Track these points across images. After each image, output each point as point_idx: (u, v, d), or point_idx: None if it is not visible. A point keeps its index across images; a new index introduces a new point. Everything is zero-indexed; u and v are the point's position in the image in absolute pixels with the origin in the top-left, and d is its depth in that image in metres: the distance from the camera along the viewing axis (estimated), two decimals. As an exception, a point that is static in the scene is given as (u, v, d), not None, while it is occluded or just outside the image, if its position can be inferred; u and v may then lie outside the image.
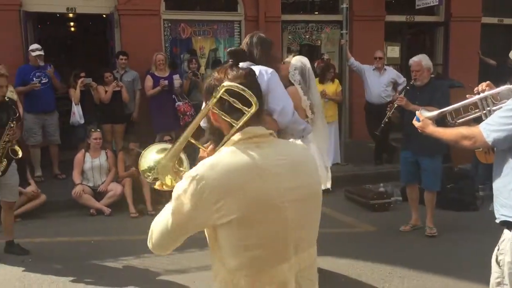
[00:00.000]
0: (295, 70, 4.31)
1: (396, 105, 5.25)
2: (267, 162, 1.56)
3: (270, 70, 4.05)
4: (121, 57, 8.17)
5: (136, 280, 4.48)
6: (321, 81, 8.06)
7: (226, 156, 1.56)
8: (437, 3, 9.66)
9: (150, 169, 1.80)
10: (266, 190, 1.53)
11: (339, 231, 5.63)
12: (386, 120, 5.56)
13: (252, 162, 1.54)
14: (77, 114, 7.49)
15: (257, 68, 4.13)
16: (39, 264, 4.76)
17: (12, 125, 4.74)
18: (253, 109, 1.57)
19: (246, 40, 3.94)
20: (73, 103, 7.51)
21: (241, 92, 1.57)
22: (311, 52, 10.16)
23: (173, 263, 4.80)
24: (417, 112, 3.22)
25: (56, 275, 4.52)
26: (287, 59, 4.48)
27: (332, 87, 8.24)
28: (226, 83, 1.60)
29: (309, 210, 1.66)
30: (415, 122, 3.18)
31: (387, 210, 6.40)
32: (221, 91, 1.59)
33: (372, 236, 5.61)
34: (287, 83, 4.24)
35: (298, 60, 4.40)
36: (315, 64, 8.87)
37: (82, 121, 7.53)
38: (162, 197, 6.82)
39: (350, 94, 9.46)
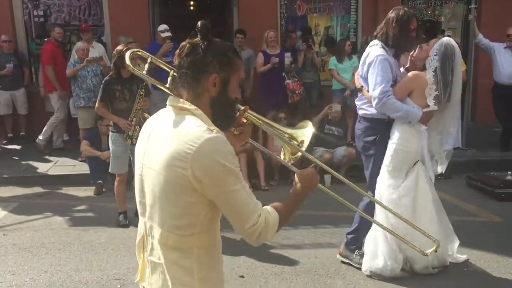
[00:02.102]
0: (435, 55, 3.91)
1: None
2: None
3: (377, 54, 4.02)
4: (238, 35, 8.36)
5: (251, 253, 4.62)
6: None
7: None
8: None
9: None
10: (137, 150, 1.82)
11: (459, 219, 5.30)
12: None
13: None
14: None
15: (368, 50, 4.10)
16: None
17: (141, 93, 5.09)
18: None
19: (389, 15, 3.98)
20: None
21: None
22: (431, 28, 9.58)
23: (287, 238, 4.89)
24: None
25: None
26: (432, 41, 4.08)
27: (456, 67, 7.72)
28: None
29: (153, 182, 1.70)
30: None
31: (515, 201, 5.93)
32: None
33: (497, 227, 5.24)
34: (423, 67, 4.05)
35: (443, 45, 3.93)
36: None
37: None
38: (274, 173, 6.99)
39: (475, 74, 8.82)
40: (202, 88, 1.71)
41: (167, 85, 1.94)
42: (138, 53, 2.24)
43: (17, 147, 8.46)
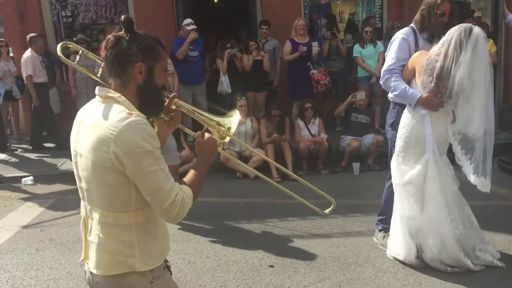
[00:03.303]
0: (443, 42, 3.65)
1: None
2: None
3: (399, 33, 4.10)
4: (262, 26, 8.38)
5: (281, 242, 4.68)
6: (473, 42, 7.40)
7: None
8: None
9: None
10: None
11: (493, 204, 5.22)
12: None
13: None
14: (224, 83, 7.92)
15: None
16: (191, 221, 5.16)
17: None
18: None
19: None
20: (221, 73, 7.93)
21: None
22: (460, 10, 9.34)
23: (316, 228, 4.92)
24: None
25: (204, 235, 4.87)
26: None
27: (485, 48, 7.53)
28: None
29: (85, 168, 1.84)
30: None
31: (550, 184, 5.79)
32: None
33: (532, 211, 5.14)
34: None
35: (458, 28, 3.59)
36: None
37: (230, 90, 7.93)
38: (302, 163, 7.01)
39: (506, 55, 8.58)
40: (128, 77, 1.85)
41: (98, 75, 2.07)
42: (69, 45, 2.40)
43: (52, 144, 8.71)
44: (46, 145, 8.70)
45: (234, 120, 2.15)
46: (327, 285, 3.84)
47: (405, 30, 4.08)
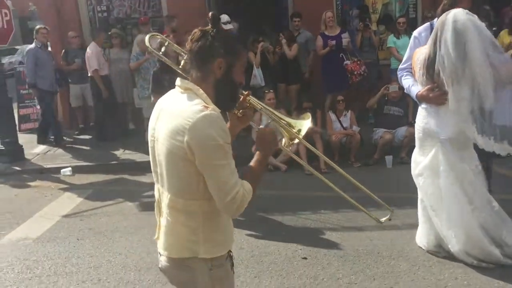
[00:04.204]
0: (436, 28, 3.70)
1: None
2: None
3: (414, 32, 4.24)
4: (294, 19, 8.36)
5: (314, 235, 4.72)
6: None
7: None
8: None
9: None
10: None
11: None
12: None
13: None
14: (258, 76, 7.95)
15: None
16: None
17: None
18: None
19: None
20: (254, 67, 7.97)
21: None
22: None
23: (349, 221, 4.93)
24: None
25: (237, 226, 4.86)
26: None
27: (524, 38, 7.33)
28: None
29: (161, 154, 1.93)
30: None
31: None
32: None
33: None
34: None
35: (443, 17, 3.63)
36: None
37: (263, 84, 7.96)
38: (334, 155, 7.00)
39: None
40: (208, 70, 1.93)
41: (180, 66, 2.18)
42: (157, 36, 2.58)
43: (88, 137, 8.96)
44: (82, 137, 8.94)
45: (305, 123, 2.19)
46: (361, 278, 3.86)
47: (422, 26, 4.20)
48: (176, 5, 8.86)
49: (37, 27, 8.47)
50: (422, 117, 3.98)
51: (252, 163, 2.03)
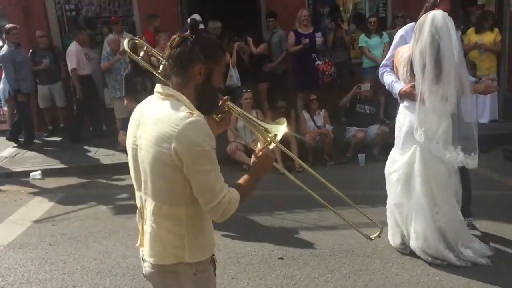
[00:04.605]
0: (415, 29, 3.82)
1: None
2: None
3: (399, 31, 4.31)
4: (268, 19, 8.36)
5: (290, 235, 4.75)
6: (478, 31, 7.42)
7: None
8: None
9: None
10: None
11: (498, 194, 5.29)
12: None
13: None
14: (234, 77, 7.93)
15: None
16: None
17: None
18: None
19: None
20: (230, 67, 7.93)
21: None
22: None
23: (324, 219, 4.97)
24: None
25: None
26: None
27: (490, 37, 7.56)
28: None
29: (145, 161, 1.92)
30: None
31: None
32: None
33: (537, 201, 5.18)
34: None
35: (423, 18, 3.75)
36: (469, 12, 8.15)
37: (239, 84, 7.92)
38: (308, 155, 7.05)
39: (511, 43, 8.55)
40: (188, 76, 1.94)
41: (159, 71, 2.17)
42: (136, 41, 2.61)
43: (57, 139, 8.78)
44: (51, 139, 8.76)
45: (281, 128, 2.21)
46: (336, 277, 3.91)
47: (408, 25, 4.24)
48: (148, 4, 8.77)
49: (7, 26, 8.03)
50: (403, 115, 4.02)
51: (241, 181, 2.03)
